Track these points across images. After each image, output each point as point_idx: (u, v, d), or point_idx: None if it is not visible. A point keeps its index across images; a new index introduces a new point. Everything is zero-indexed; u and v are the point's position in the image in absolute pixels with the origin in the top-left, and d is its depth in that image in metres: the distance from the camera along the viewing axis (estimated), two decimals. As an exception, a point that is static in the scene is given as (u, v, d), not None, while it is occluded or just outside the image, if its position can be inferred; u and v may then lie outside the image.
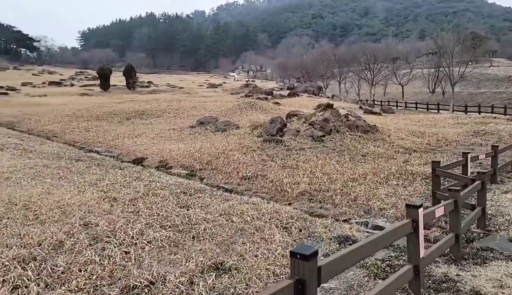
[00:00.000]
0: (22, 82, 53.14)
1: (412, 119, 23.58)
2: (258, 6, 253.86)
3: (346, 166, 10.16)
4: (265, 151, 12.39)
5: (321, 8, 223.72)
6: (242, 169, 9.72)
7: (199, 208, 6.17)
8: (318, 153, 12.11)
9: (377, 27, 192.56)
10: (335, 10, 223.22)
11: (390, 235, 3.36)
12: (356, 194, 7.61)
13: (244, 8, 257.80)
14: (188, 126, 17.30)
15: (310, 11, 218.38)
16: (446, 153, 13.52)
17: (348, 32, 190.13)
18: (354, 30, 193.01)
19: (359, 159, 11.66)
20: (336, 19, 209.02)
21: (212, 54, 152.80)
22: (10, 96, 39.59)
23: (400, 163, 11.31)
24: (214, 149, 12.09)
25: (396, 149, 14.02)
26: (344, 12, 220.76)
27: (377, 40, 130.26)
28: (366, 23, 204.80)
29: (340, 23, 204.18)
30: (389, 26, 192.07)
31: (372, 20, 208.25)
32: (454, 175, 6.42)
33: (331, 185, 8.30)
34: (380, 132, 16.42)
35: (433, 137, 16.92)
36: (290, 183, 8.48)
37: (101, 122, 19.46)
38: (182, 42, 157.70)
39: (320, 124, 14.79)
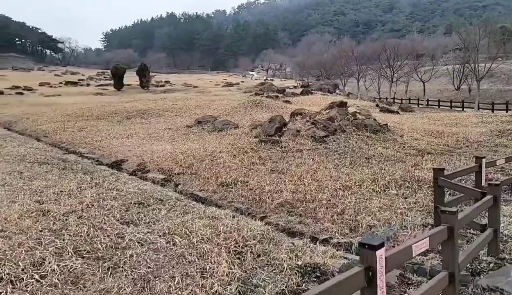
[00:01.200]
0: (40, 82, 53.84)
1: (431, 118, 21.88)
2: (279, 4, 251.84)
3: (343, 171, 8.92)
4: (259, 152, 11.27)
5: (343, 5, 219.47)
6: (224, 174, 8.65)
7: (144, 225, 5.14)
8: (316, 156, 10.89)
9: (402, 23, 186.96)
10: (358, 7, 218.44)
11: (334, 291, 2.20)
12: (345, 206, 6.40)
13: (265, 6, 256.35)
14: (186, 125, 16.38)
15: (331, 8, 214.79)
16: (464, 156, 12.01)
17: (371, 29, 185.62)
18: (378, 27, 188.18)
19: (362, 162, 10.38)
20: (358, 16, 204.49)
21: (231, 53, 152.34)
22: (24, 96, 39.92)
23: (408, 167, 9.97)
24: (202, 151, 11.07)
25: (407, 150, 12.62)
26: (367, 8, 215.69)
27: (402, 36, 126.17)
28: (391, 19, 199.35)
29: (363, 20, 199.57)
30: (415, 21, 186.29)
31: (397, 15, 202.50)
32: (459, 186, 5.13)
33: (319, 194, 7.11)
34: (391, 132, 15.00)
35: (452, 137, 15.35)
36: (272, 192, 7.34)
37: (99, 121, 18.81)
38: (202, 41, 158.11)
39: (323, 123, 13.53)
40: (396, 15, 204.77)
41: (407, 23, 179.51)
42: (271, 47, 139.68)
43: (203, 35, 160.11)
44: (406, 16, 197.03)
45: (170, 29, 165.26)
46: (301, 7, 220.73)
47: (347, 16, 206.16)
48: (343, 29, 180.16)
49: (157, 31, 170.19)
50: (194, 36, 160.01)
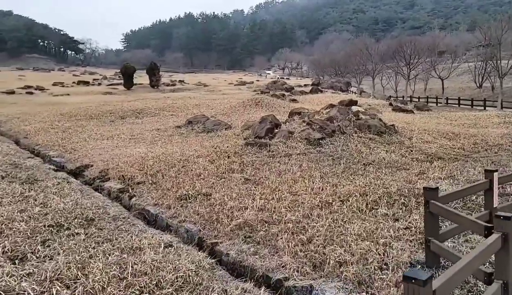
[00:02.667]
0: (53, 82, 54.09)
1: (448, 118, 20.06)
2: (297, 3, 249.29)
3: (329, 182, 7.54)
4: (242, 157, 9.99)
5: (363, 2, 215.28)
6: (189, 184, 7.42)
7: (35, 261, 3.98)
8: (306, 161, 9.53)
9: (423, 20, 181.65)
10: (378, 4, 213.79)
11: None
12: (315, 232, 5.05)
13: (283, 5, 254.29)
14: (175, 126, 15.25)
15: (350, 6, 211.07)
16: (481, 162, 10.40)
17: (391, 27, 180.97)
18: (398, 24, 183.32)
19: (357, 170, 8.96)
20: (378, 13, 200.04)
21: (248, 52, 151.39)
22: (34, 96, 39.88)
23: (411, 176, 8.50)
24: (178, 155, 9.87)
25: (414, 155, 11.09)
26: (387, 5, 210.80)
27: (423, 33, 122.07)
28: (411, 16, 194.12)
29: (383, 17, 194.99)
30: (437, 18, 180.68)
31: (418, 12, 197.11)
32: (455, 215, 3.71)
33: (289, 213, 5.78)
34: (399, 134, 13.44)
35: (469, 139, 13.66)
36: (235, 208, 6.05)
37: (91, 121, 17.94)
38: (218, 41, 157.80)
39: (319, 124, 12.12)
40: (417, 12, 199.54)
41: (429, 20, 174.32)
42: (287, 46, 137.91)
43: (220, 35, 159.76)
44: (427, 13, 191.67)
45: (187, 29, 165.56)
46: (320, 5, 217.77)
47: (367, 13, 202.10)
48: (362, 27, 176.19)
49: (175, 31, 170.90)
50: (211, 36, 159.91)
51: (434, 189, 4.00)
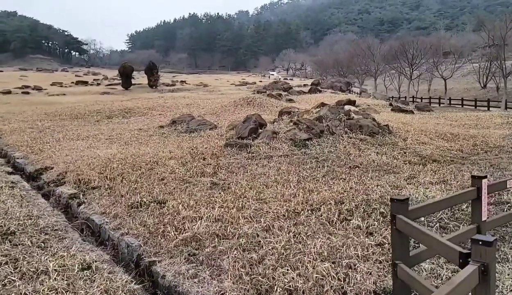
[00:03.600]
0: (52, 82, 53.76)
1: (449, 118, 19.16)
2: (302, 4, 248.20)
3: (305, 187, 6.76)
4: (219, 159, 9.24)
5: (368, 3, 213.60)
6: (147, 189, 6.68)
7: None
8: (286, 164, 8.74)
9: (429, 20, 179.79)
10: (383, 5, 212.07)
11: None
12: (269, 249, 4.27)
13: (288, 6, 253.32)
14: (158, 126, 14.54)
15: (356, 7, 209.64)
16: (479, 165, 9.55)
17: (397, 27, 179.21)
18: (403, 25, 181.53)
19: (340, 173, 8.15)
20: (383, 14, 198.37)
21: (252, 53, 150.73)
22: (30, 95, 39.49)
23: (400, 181, 7.70)
24: (149, 157, 9.13)
25: (407, 157, 10.26)
26: (393, 6, 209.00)
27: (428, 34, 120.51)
28: (417, 16, 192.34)
29: (388, 18, 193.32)
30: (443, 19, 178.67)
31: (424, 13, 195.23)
32: (423, 234, 2.87)
33: (247, 225, 5.00)
34: (393, 134, 12.61)
35: (469, 140, 12.81)
36: (188, 219, 5.28)
37: (74, 121, 17.32)
38: (222, 42, 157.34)
39: (307, 124, 11.32)
40: (423, 12, 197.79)
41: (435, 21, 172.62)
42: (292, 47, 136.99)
43: (224, 36, 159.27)
44: (433, 13, 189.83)
45: (191, 29, 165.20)
46: (325, 6, 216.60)
47: (372, 14, 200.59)
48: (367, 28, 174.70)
49: (179, 32, 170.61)
50: (215, 37, 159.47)
51: (403, 201, 3.20)
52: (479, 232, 3.97)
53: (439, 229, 4.83)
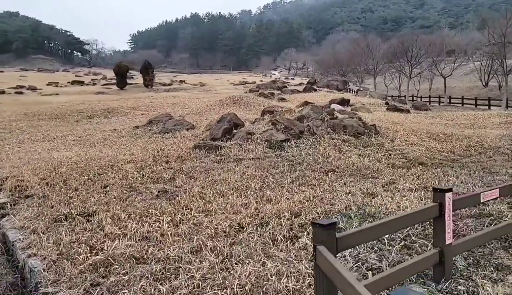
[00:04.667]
0: (48, 82, 53.30)
1: (445, 117, 18.28)
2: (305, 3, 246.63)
3: (265, 196, 5.99)
4: (183, 163, 8.48)
5: (371, 2, 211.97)
6: (84, 198, 5.96)
7: None
8: (254, 168, 7.96)
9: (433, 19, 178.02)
10: (387, 3, 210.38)
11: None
12: (185, 280, 3.48)
13: (291, 5, 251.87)
14: (134, 126, 13.82)
15: (359, 5, 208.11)
16: (469, 168, 8.73)
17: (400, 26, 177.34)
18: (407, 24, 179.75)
19: (312, 179, 7.36)
20: (387, 12, 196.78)
21: (254, 53, 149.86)
22: (22, 95, 39.02)
23: (376, 187, 6.91)
24: (107, 160, 8.40)
25: (392, 160, 9.45)
26: (396, 4, 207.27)
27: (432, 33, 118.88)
28: (421, 15, 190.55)
29: (392, 16, 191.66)
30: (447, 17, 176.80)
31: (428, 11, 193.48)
32: (339, 275, 2.08)
33: (175, 244, 4.23)
34: (380, 135, 11.79)
35: (462, 141, 11.97)
36: (111, 236, 4.52)
37: (52, 121, 16.67)
38: (224, 41, 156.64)
39: (285, 124, 10.52)
40: (427, 11, 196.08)
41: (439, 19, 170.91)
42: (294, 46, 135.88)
43: (225, 35, 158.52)
44: (437, 12, 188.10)
45: (193, 29, 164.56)
46: (327, 5, 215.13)
47: (375, 13, 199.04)
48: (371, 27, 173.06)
49: (181, 31, 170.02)
50: (217, 36, 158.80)
51: (327, 226, 2.40)
52: (442, 258, 3.18)
53: (403, 250, 4.02)
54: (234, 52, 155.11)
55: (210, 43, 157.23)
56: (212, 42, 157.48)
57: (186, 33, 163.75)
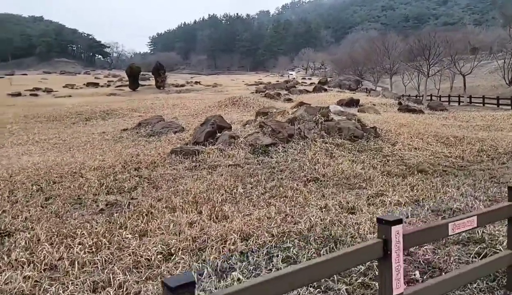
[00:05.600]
0: (65, 84, 54.00)
1: (459, 118, 17.01)
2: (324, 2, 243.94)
3: (222, 211, 5.20)
4: (155, 170, 7.79)
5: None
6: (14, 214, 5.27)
7: None
8: (228, 177, 7.18)
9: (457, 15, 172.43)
10: (409, 0, 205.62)
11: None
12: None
13: (309, 5, 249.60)
14: (123, 128, 13.27)
15: (379, 3, 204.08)
16: (475, 177, 7.71)
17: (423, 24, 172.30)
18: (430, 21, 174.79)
19: (288, 190, 6.52)
20: (409, 10, 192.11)
21: (271, 53, 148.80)
22: (37, 97, 39.43)
23: (360, 200, 6.06)
24: (72, 166, 7.81)
25: (389, 166, 8.48)
26: (419, 1, 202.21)
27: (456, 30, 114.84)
28: (445, 12, 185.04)
29: (414, 14, 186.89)
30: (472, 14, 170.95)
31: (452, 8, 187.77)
32: None
33: (72, 284, 3.47)
34: (380, 138, 10.79)
35: (474, 145, 10.84)
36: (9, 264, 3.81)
37: (48, 123, 16.41)
38: (241, 42, 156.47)
39: (272, 126, 9.69)
40: (451, 8, 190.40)
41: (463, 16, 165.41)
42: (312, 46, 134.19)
43: (243, 36, 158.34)
44: (462, 8, 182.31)
45: (211, 31, 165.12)
46: (347, 4, 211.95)
47: (396, 10, 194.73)
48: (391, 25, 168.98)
49: (199, 33, 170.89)
50: (234, 37, 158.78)
51: (175, 290, 1.59)
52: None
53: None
54: (251, 53, 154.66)
55: (228, 44, 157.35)
56: (230, 43, 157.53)
57: (204, 34, 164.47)
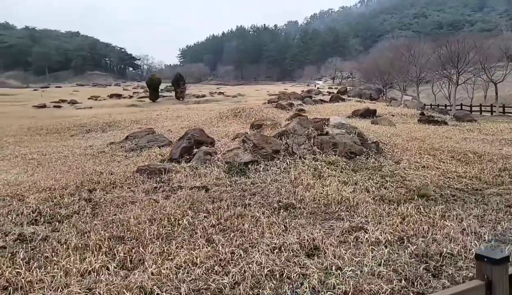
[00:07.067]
0: (90, 96, 55.18)
1: (485, 131, 15.22)
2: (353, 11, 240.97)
3: (124, 259, 4.18)
4: (109, 192, 6.90)
5: (425, 6, 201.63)
6: None
7: None
8: (182, 203, 6.14)
9: (494, 22, 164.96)
10: (442, 7, 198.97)
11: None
12: None
13: (338, 14, 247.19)
14: (110, 142, 12.59)
15: (411, 11, 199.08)
16: (489, 205, 6.31)
17: (457, 30, 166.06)
18: (465, 27, 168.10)
19: (247, 221, 5.40)
20: (442, 16, 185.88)
21: (298, 63, 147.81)
22: (60, 109, 40.31)
23: (330, 236, 4.90)
24: (14, 188, 7.07)
25: (386, 189, 7.20)
26: (453, 8, 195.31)
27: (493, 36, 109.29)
28: (481, 18, 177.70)
29: (448, 21, 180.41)
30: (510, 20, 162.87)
31: (488, 14, 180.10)
32: None
33: None
34: (382, 155, 9.45)
35: (496, 163, 9.30)
36: None
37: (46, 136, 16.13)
38: (268, 52, 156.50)
39: (255, 141, 8.59)
40: (487, 14, 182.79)
41: (501, 22, 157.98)
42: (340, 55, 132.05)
43: (269, 46, 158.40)
44: (499, 14, 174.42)
45: (238, 42, 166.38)
46: (377, 12, 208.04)
47: (429, 18, 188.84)
48: (423, 32, 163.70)
49: (226, 45, 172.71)
50: (261, 48, 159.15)
51: None
52: None
53: None
54: (278, 63, 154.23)
55: (254, 55, 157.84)
56: (256, 54, 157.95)
57: (231, 46, 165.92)
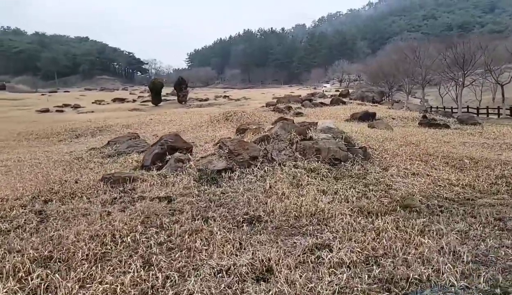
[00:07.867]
0: (94, 100, 55.25)
1: (486, 134, 14.47)
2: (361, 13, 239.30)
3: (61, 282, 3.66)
4: (65, 204, 6.42)
5: (435, 8, 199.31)
6: None
7: None
8: (136, 216, 5.63)
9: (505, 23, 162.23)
10: (452, 8, 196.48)
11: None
12: None
13: (346, 17, 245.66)
14: (92, 147, 12.16)
15: (420, 13, 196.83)
16: (477, 218, 5.66)
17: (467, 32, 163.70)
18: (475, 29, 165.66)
19: (193, 239, 4.86)
20: (452, 18, 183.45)
21: (305, 66, 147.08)
22: (62, 114, 40.24)
23: (288, 257, 4.31)
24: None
25: (370, 199, 6.62)
26: (463, 9, 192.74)
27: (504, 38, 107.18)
28: (491, 20, 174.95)
29: (458, 22, 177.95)
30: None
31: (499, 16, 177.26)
32: None
33: None
34: (370, 161, 8.84)
35: (493, 169, 8.64)
36: None
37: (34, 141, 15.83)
38: (275, 56, 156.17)
39: (231, 147, 8.05)
40: (498, 15, 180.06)
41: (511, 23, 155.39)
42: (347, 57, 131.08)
43: (276, 50, 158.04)
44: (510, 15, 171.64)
45: (245, 45, 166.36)
46: (385, 14, 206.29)
47: (439, 19, 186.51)
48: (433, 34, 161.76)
49: (233, 48, 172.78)
50: (268, 51, 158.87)
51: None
52: None
53: None
54: (285, 66, 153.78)
55: (261, 58, 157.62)
56: (263, 57, 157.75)
57: (238, 49, 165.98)
